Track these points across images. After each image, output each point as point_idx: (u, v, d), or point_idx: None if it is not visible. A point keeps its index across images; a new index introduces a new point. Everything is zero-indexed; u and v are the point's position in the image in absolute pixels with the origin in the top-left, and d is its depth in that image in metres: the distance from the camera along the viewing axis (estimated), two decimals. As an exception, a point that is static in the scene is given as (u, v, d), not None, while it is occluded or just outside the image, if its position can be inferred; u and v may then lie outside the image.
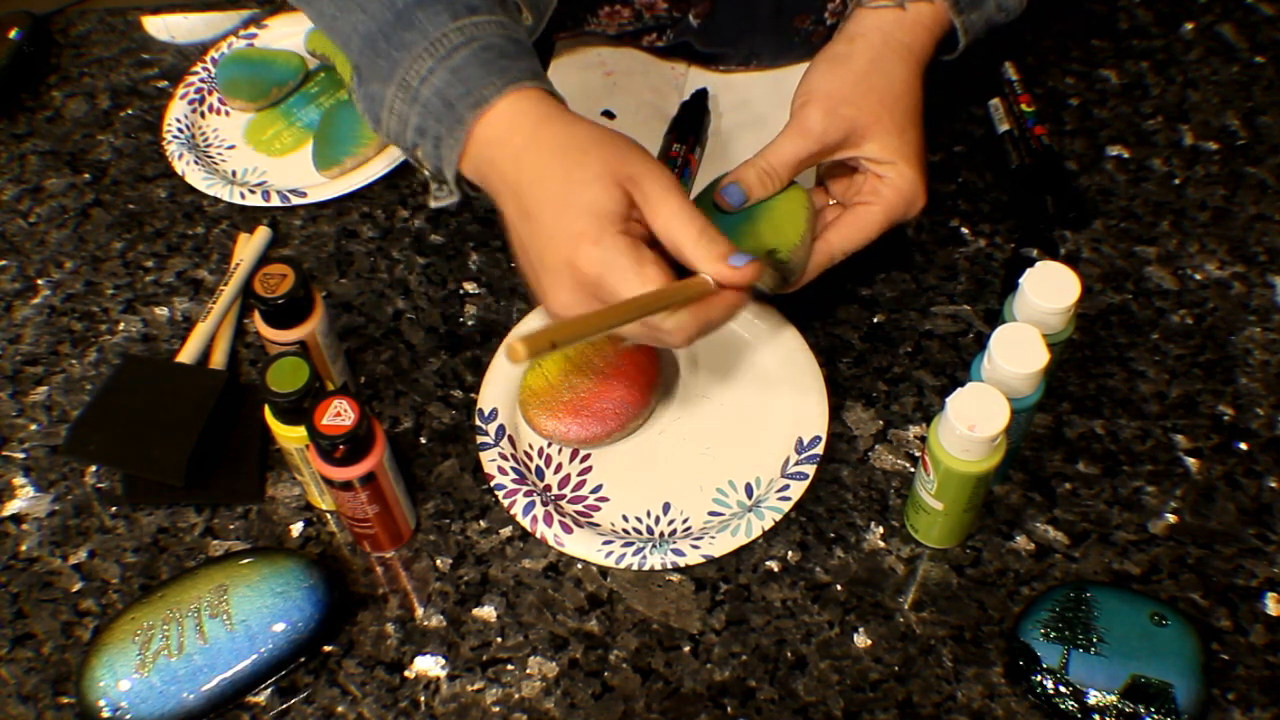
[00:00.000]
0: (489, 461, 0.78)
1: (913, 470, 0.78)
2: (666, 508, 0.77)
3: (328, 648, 0.73)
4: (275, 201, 0.94)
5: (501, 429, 0.80)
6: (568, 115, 0.68)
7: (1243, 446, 0.78)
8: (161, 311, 0.89)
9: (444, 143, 0.69)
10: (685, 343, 0.66)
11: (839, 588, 0.73)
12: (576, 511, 0.77)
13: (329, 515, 0.78)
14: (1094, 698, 0.66)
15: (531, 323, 0.84)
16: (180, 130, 0.99)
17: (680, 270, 0.66)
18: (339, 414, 0.68)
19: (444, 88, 0.68)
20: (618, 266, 0.63)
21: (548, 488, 0.78)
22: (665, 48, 0.96)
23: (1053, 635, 0.68)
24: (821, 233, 0.76)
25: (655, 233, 0.66)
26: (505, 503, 0.77)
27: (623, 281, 0.63)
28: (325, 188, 0.95)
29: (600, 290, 0.64)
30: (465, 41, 0.68)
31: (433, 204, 0.74)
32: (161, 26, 1.08)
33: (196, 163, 0.97)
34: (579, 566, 0.75)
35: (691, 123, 0.91)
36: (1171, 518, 0.75)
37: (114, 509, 0.80)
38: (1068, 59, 0.99)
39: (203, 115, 1.02)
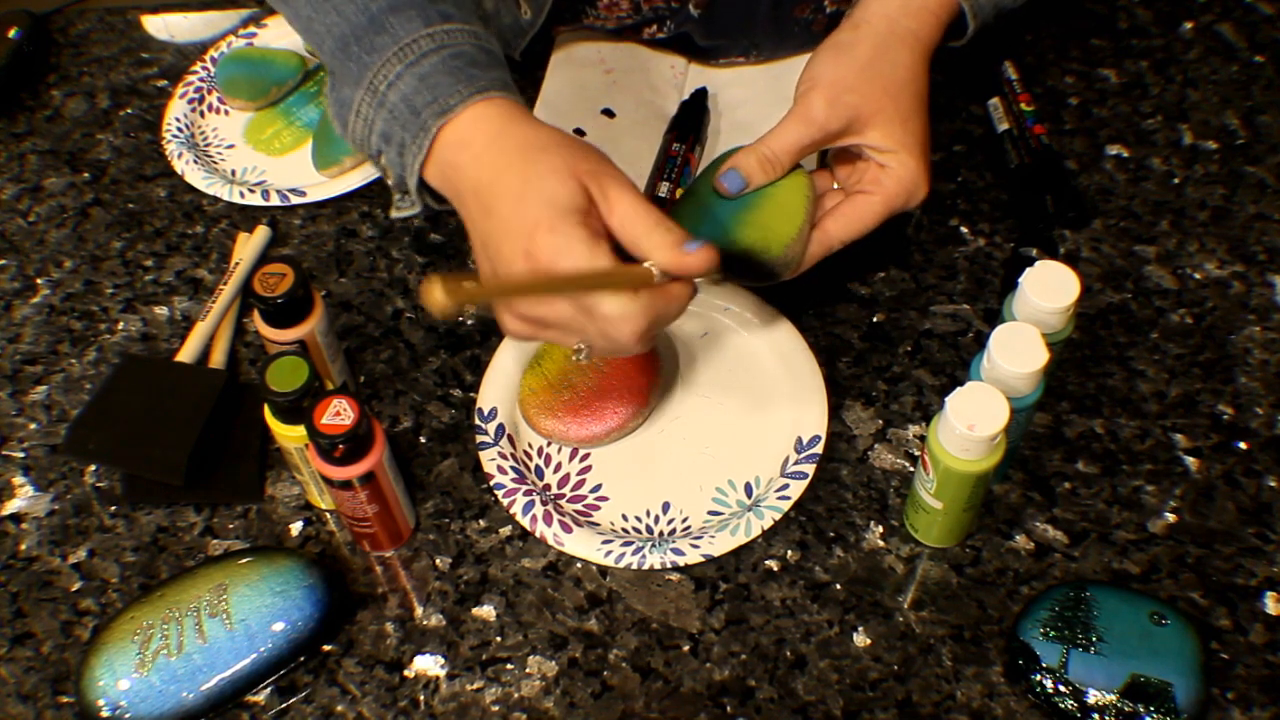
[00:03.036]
0: (488, 461, 0.78)
1: (912, 470, 0.78)
2: (666, 507, 0.77)
3: (327, 647, 0.73)
4: (275, 201, 0.94)
5: (501, 428, 0.80)
6: (530, 120, 0.68)
7: (1242, 446, 0.78)
8: (161, 311, 0.89)
9: (408, 149, 0.68)
10: (634, 337, 0.64)
11: (838, 587, 0.73)
12: (576, 511, 0.77)
13: (329, 515, 0.78)
14: (1093, 697, 0.66)
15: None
16: (180, 129, 0.99)
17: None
18: (338, 413, 0.68)
19: (411, 94, 0.68)
20: (572, 253, 0.63)
21: (547, 487, 0.78)
22: (665, 39, 0.96)
23: (1052, 635, 0.68)
24: (820, 221, 0.75)
25: (611, 228, 0.66)
26: (505, 502, 0.77)
27: (575, 267, 0.63)
28: (325, 187, 0.95)
29: None
30: (435, 49, 0.68)
31: (394, 214, 0.74)
32: (161, 26, 1.08)
33: (196, 162, 0.97)
34: (578, 566, 0.75)
35: (691, 122, 0.91)
36: (1171, 517, 0.75)
37: (113, 508, 0.80)
38: (1067, 58, 0.99)
39: (202, 114, 1.02)
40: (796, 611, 0.73)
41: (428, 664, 0.72)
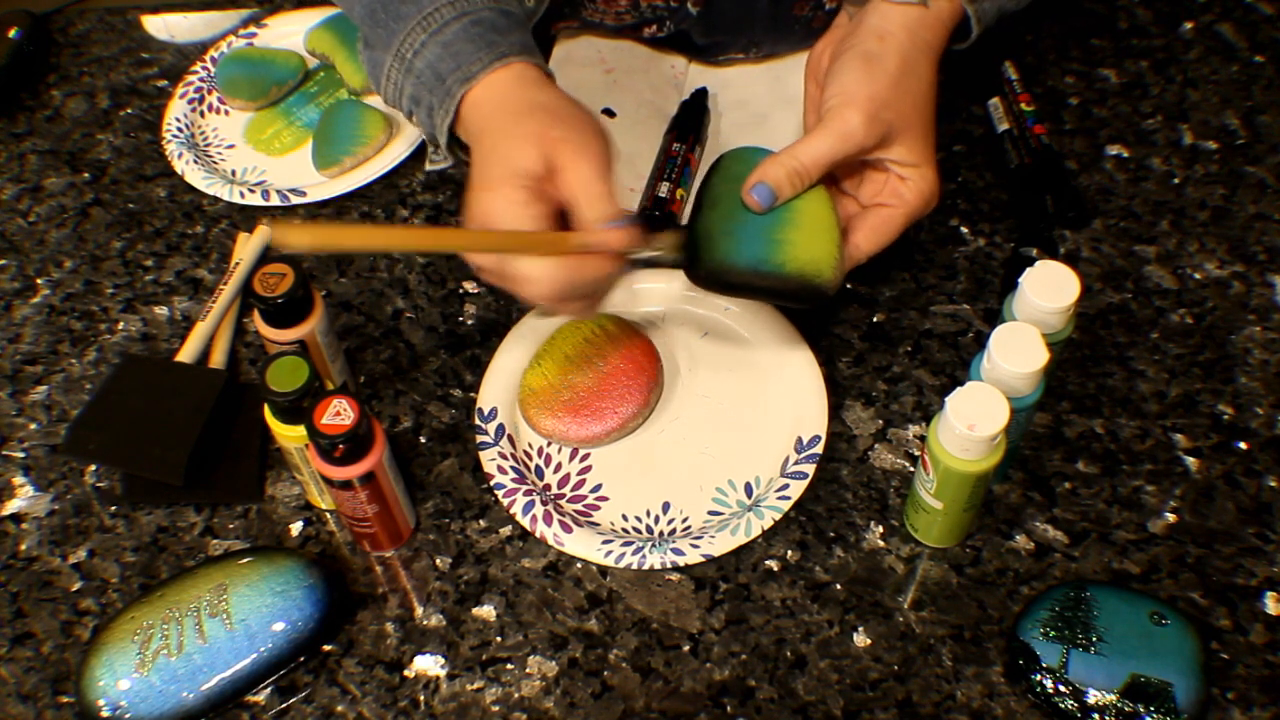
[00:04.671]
0: (488, 461, 0.78)
1: (912, 470, 0.78)
2: (666, 507, 0.77)
3: (327, 647, 0.73)
4: (275, 201, 0.94)
5: (501, 428, 0.80)
6: (541, 84, 0.72)
7: (1242, 446, 0.78)
8: (161, 311, 0.89)
9: (436, 112, 0.73)
10: (545, 296, 0.68)
11: (839, 587, 0.73)
12: (576, 511, 0.77)
13: (329, 515, 0.78)
14: (1093, 697, 0.66)
15: (530, 322, 0.84)
16: (180, 129, 0.99)
17: None
18: (338, 413, 0.68)
19: (435, 61, 0.72)
20: (497, 212, 0.67)
21: (547, 487, 0.78)
22: (664, 38, 0.96)
23: (1052, 634, 0.68)
24: (847, 235, 0.75)
25: (565, 196, 0.68)
26: (505, 502, 0.77)
27: (499, 225, 0.67)
28: (325, 187, 0.95)
29: None
30: (456, 16, 0.72)
31: (428, 167, 0.77)
32: (161, 26, 1.08)
33: (196, 162, 0.97)
34: (579, 566, 0.75)
35: (692, 122, 0.91)
36: (1171, 517, 0.75)
37: (113, 508, 0.80)
38: (1068, 58, 0.99)
39: (202, 114, 1.02)
40: (797, 611, 0.73)
41: (428, 664, 0.72)
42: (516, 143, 0.68)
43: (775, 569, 0.74)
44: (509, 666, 0.72)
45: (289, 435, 0.71)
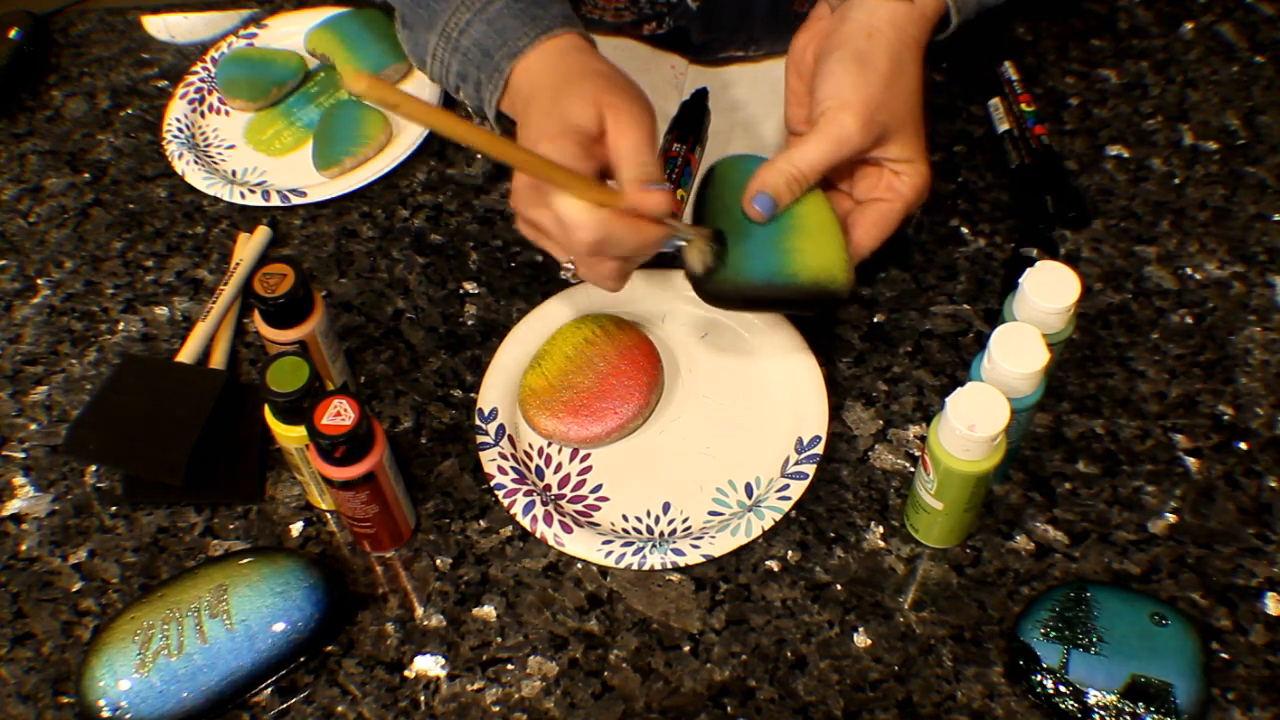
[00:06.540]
0: (489, 461, 0.78)
1: (913, 470, 0.78)
2: (666, 507, 0.77)
3: (328, 647, 0.73)
4: (275, 201, 0.94)
5: (501, 429, 0.80)
6: (585, 52, 0.75)
7: (1243, 446, 0.78)
8: (161, 311, 0.89)
9: (484, 87, 0.75)
10: (585, 243, 0.67)
11: (839, 587, 0.73)
12: (576, 511, 0.77)
13: (329, 515, 0.78)
14: (1094, 697, 0.66)
15: (530, 322, 0.84)
16: (180, 130, 0.99)
17: None
18: (339, 414, 0.68)
19: (482, 39, 0.74)
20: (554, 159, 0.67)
21: (548, 487, 0.78)
22: (664, 35, 0.96)
23: (1053, 635, 0.68)
24: (846, 233, 0.75)
25: (611, 158, 0.70)
26: (505, 502, 0.77)
27: None
28: (325, 187, 0.95)
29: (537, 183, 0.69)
30: None
31: None
32: (161, 26, 1.08)
33: (196, 162, 0.97)
34: (579, 566, 0.75)
35: (692, 122, 0.91)
36: (1171, 517, 0.75)
37: (114, 509, 0.80)
38: (1068, 59, 0.99)
39: (203, 115, 1.02)
40: (797, 612, 0.73)
41: (428, 664, 0.72)
42: (574, 102, 0.70)
43: (775, 569, 0.74)
44: (509, 667, 0.72)
45: (289, 435, 0.71)
